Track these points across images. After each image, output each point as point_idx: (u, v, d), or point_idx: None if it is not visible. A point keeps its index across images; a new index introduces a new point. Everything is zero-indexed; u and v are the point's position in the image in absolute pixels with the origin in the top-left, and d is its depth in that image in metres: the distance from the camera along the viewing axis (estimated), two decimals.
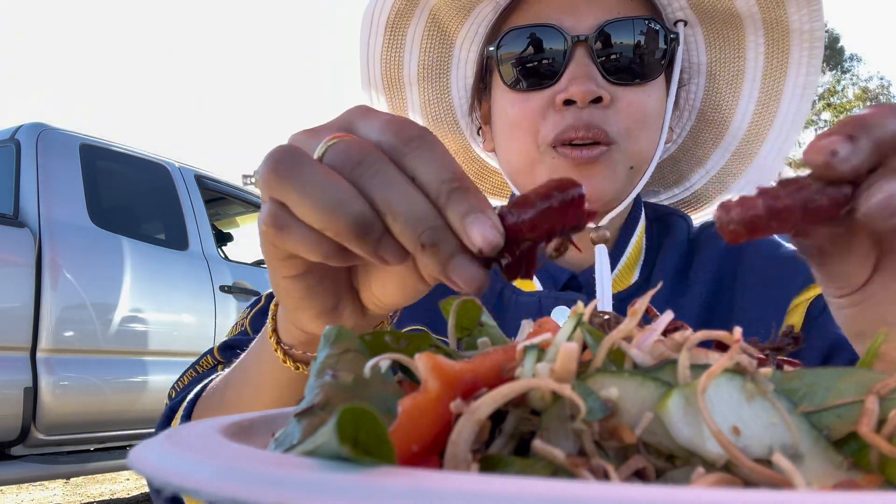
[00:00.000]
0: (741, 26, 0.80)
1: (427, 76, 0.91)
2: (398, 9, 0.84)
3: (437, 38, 0.88)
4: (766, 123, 0.85)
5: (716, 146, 0.90)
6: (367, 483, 0.18)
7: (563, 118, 0.73)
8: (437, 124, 0.95)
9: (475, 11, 0.84)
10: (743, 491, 0.17)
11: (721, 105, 0.87)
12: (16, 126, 3.92)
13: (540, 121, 0.76)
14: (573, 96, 0.72)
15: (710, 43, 0.83)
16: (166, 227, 4.50)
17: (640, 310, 0.30)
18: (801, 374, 0.27)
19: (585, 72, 0.73)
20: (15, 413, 3.32)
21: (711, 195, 0.94)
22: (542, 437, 0.24)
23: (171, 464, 0.22)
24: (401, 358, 0.28)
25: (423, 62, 0.90)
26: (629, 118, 0.75)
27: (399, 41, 0.88)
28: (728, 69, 0.84)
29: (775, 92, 0.83)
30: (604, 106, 0.73)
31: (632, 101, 0.75)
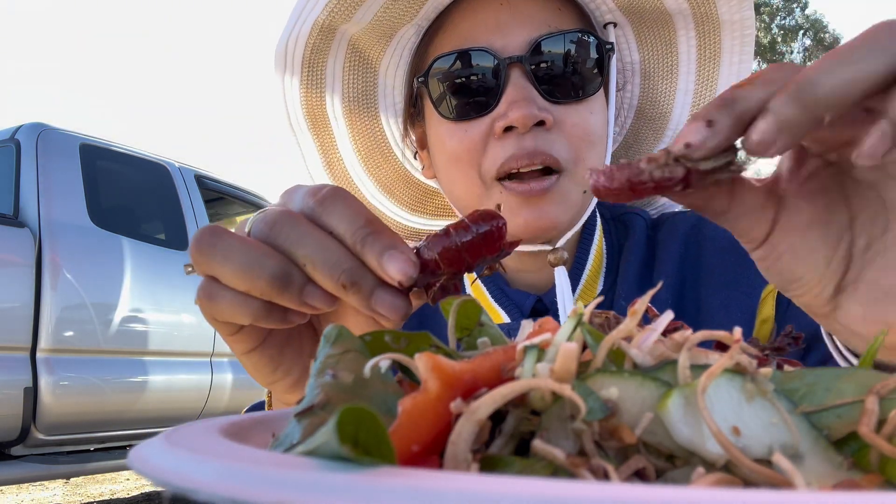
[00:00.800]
0: (671, 22, 0.79)
1: (353, 108, 0.88)
2: (313, 44, 0.80)
3: (359, 68, 0.84)
4: None
5: (657, 141, 0.89)
6: (367, 483, 0.18)
7: (505, 147, 0.70)
8: (370, 155, 0.91)
9: (397, 36, 0.80)
10: (743, 491, 0.17)
11: (658, 101, 0.86)
12: (16, 126, 3.93)
13: (481, 152, 0.72)
14: (514, 122, 0.68)
15: (641, 41, 0.82)
16: (166, 227, 4.50)
17: (640, 310, 0.30)
18: (801, 374, 0.27)
19: (524, 94, 0.70)
20: (15, 413, 3.32)
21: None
22: (542, 437, 0.24)
23: (171, 464, 0.22)
24: (401, 358, 0.28)
25: (348, 95, 0.86)
26: (576, 139, 0.72)
27: (318, 77, 0.84)
28: (662, 65, 0.83)
29: (710, 83, 0.82)
30: (547, 129, 0.70)
31: (576, 121, 0.72)
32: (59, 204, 3.70)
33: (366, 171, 0.92)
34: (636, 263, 0.80)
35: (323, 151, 0.91)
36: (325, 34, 0.79)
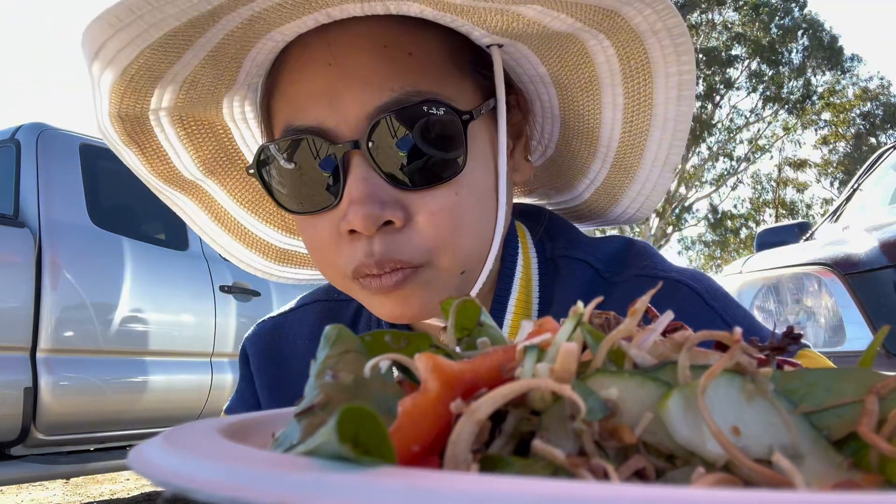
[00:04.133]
0: (573, 37, 0.66)
1: (218, 168, 0.78)
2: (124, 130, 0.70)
3: (201, 131, 0.74)
4: (640, 132, 0.72)
5: (592, 156, 0.78)
6: (367, 483, 0.18)
7: (354, 251, 0.62)
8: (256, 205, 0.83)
9: (227, 98, 0.71)
10: (743, 491, 0.17)
11: (583, 114, 0.74)
12: (16, 126, 3.92)
13: (333, 250, 0.64)
14: (354, 226, 0.60)
15: (543, 55, 0.69)
16: (166, 227, 4.49)
17: (640, 310, 0.30)
18: (801, 374, 0.27)
19: (365, 189, 0.60)
20: (15, 413, 3.32)
21: (604, 207, 0.83)
22: (542, 437, 0.24)
23: (171, 464, 0.22)
24: (401, 358, 0.28)
25: (202, 159, 0.76)
26: (436, 232, 0.62)
27: (154, 151, 0.74)
28: (577, 76, 0.70)
29: (644, 95, 0.70)
30: (397, 229, 0.61)
31: (434, 210, 0.61)
32: (59, 204, 3.70)
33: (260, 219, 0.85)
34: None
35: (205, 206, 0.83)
36: (133, 120, 0.69)
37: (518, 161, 0.75)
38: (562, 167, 0.82)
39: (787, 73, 25.24)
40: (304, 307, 0.86)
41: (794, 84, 25.56)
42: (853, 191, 4.28)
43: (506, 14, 0.60)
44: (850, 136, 27.78)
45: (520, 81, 0.74)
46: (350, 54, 0.62)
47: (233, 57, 0.64)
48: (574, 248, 0.75)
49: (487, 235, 0.67)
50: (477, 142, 0.65)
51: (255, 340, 0.85)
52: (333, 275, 0.67)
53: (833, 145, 27.96)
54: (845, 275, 2.76)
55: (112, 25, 0.54)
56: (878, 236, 2.84)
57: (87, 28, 0.56)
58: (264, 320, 0.87)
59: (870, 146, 26.09)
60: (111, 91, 0.63)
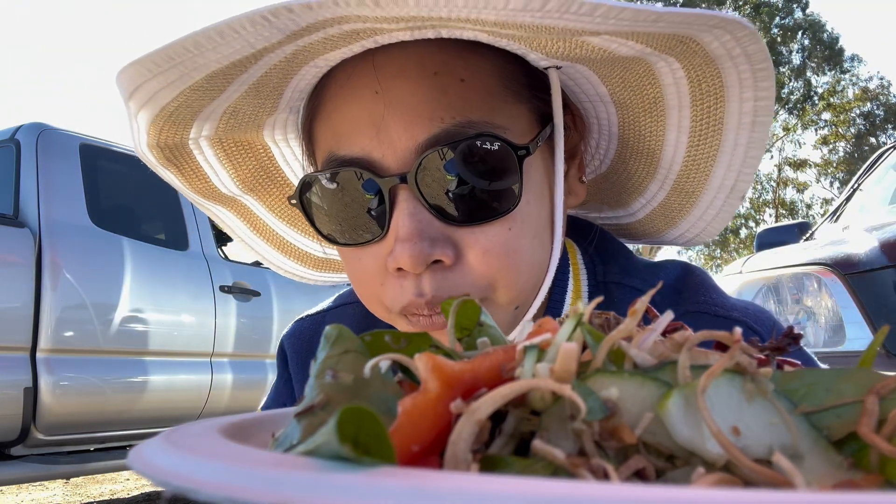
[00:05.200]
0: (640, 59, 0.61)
1: (257, 185, 0.77)
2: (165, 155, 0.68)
3: (241, 151, 0.73)
4: (707, 157, 0.68)
5: (650, 177, 0.74)
6: (367, 483, 0.18)
7: (403, 289, 0.59)
8: (296, 220, 0.82)
9: (268, 124, 0.70)
10: (743, 491, 0.17)
11: (644, 135, 0.70)
12: (16, 126, 3.93)
13: (378, 285, 0.61)
14: (401, 265, 0.57)
15: (603, 76, 0.65)
16: (166, 227, 4.50)
17: (640, 310, 0.30)
18: (801, 374, 0.27)
19: (413, 226, 0.56)
20: (15, 413, 3.32)
21: (660, 228, 0.79)
22: (542, 437, 0.24)
23: (171, 464, 0.22)
24: (401, 358, 0.28)
25: (241, 177, 0.75)
26: (489, 270, 0.59)
27: (193, 171, 0.72)
28: (640, 97, 0.66)
29: (713, 121, 0.65)
30: (447, 267, 0.58)
31: (488, 246, 0.58)
32: (59, 204, 3.70)
33: (300, 231, 0.84)
34: None
35: (245, 219, 0.82)
36: (171, 148, 0.68)
37: (572, 184, 0.70)
38: (616, 184, 0.78)
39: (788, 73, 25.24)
40: (343, 307, 0.85)
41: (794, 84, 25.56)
42: (853, 191, 4.28)
43: (568, 41, 0.56)
44: (850, 136, 27.76)
45: (577, 100, 0.70)
46: (398, 82, 0.58)
47: (275, 87, 0.62)
48: (629, 274, 0.71)
49: (542, 267, 0.64)
50: (532, 172, 0.61)
51: (293, 339, 0.84)
52: (377, 308, 0.64)
53: (833, 145, 27.95)
54: (845, 275, 2.76)
55: (150, 70, 0.53)
56: (878, 236, 2.84)
57: (123, 70, 0.54)
58: (302, 318, 0.86)
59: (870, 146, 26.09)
60: (149, 126, 0.62)
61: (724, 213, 0.73)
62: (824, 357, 2.78)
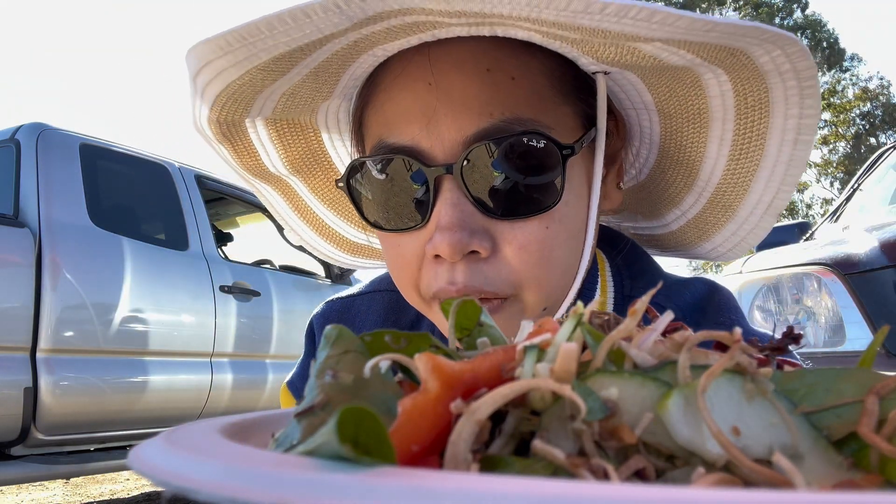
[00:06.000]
0: (688, 70, 0.62)
1: (303, 167, 0.80)
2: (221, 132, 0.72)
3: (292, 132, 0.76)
4: (746, 172, 0.69)
5: (688, 188, 0.74)
6: (367, 483, 0.18)
7: (437, 275, 0.61)
8: (336, 203, 0.85)
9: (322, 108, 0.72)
10: (743, 491, 0.17)
11: (685, 145, 0.71)
12: (16, 126, 3.92)
13: (415, 271, 0.64)
14: (439, 252, 0.59)
15: (650, 84, 0.66)
16: (166, 227, 4.50)
17: (640, 310, 0.30)
18: (801, 374, 0.27)
19: (454, 215, 0.58)
20: (15, 413, 3.32)
21: (692, 241, 0.80)
22: (542, 437, 0.24)
23: (171, 464, 0.22)
24: (401, 358, 0.28)
25: (289, 158, 0.78)
26: (524, 266, 0.60)
27: (246, 148, 0.75)
28: (685, 107, 0.67)
29: (757, 134, 0.65)
30: (483, 259, 0.60)
31: (524, 242, 0.60)
32: (59, 204, 3.70)
33: (339, 216, 0.87)
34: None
35: (288, 199, 0.85)
36: (229, 124, 0.71)
37: (609, 188, 0.71)
38: (652, 194, 0.79)
39: None
40: (373, 294, 0.86)
41: None
42: (853, 191, 4.28)
43: (621, 46, 0.57)
44: (850, 136, 27.76)
45: (621, 106, 0.71)
46: (452, 76, 0.60)
47: (333, 72, 0.64)
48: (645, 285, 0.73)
49: (572, 272, 0.65)
50: (573, 174, 0.63)
51: (322, 319, 0.86)
52: (412, 294, 0.66)
53: (833, 145, 27.94)
54: (845, 275, 2.76)
55: (221, 49, 0.55)
56: (878, 236, 2.84)
57: (193, 47, 0.56)
58: (333, 300, 0.88)
59: (870, 146, 26.08)
60: (213, 102, 0.64)
61: (759, 229, 0.73)
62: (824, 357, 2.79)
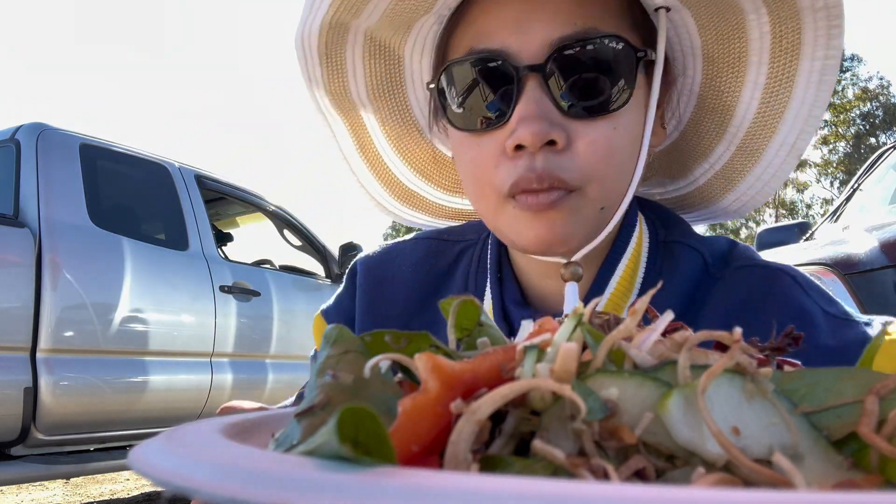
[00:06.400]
0: (738, 6, 0.70)
1: (380, 94, 0.86)
2: (326, 40, 0.78)
3: (380, 56, 0.82)
4: (775, 113, 0.75)
5: (720, 137, 0.81)
6: (367, 483, 0.18)
7: (516, 166, 0.66)
8: (400, 139, 0.90)
9: (417, 26, 0.77)
10: (743, 491, 0.17)
11: (723, 91, 0.77)
12: (16, 126, 3.93)
13: (493, 169, 0.69)
14: (522, 141, 0.64)
15: (702, 25, 0.73)
16: (166, 227, 4.50)
17: (640, 310, 0.30)
18: (801, 375, 0.27)
19: (536, 109, 0.65)
20: (15, 413, 3.32)
21: (716, 193, 0.86)
22: (542, 438, 0.24)
23: (171, 464, 0.22)
24: (401, 358, 0.28)
25: (371, 83, 0.84)
26: (592, 159, 0.66)
27: (339, 66, 0.82)
28: (728, 51, 0.74)
29: (786, 77, 0.73)
30: (558, 150, 0.66)
31: (594, 138, 0.67)
32: (59, 204, 3.70)
33: (398, 154, 0.92)
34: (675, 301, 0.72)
35: (354, 133, 0.91)
36: (336, 30, 0.77)
37: (656, 125, 0.76)
38: (683, 151, 0.85)
39: None
40: (416, 240, 0.91)
41: None
42: (853, 191, 4.28)
43: None
44: (850, 136, 27.74)
45: (671, 51, 0.77)
46: None
47: None
48: (688, 237, 0.79)
49: (628, 177, 0.71)
50: (638, 87, 0.70)
51: (365, 260, 0.91)
52: (489, 194, 0.70)
53: (833, 145, 27.94)
54: (845, 275, 2.76)
55: None
56: (878, 236, 2.84)
57: None
58: (376, 248, 0.93)
59: (870, 146, 26.06)
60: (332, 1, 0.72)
61: (781, 172, 0.79)
62: None
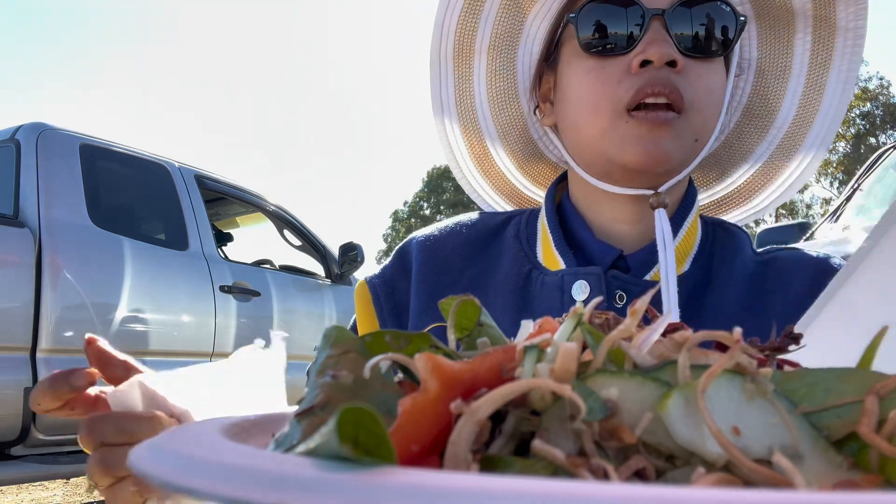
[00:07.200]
0: (793, 22, 0.85)
1: (497, 46, 0.94)
2: None
3: (512, 9, 0.91)
4: (809, 116, 0.89)
5: (760, 140, 0.93)
6: (367, 483, 0.18)
7: (640, 78, 0.77)
8: (498, 97, 0.98)
9: None
10: (743, 491, 0.17)
11: (768, 98, 0.91)
12: (16, 126, 3.92)
13: (615, 85, 0.78)
14: (650, 56, 0.75)
15: (762, 39, 0.88)
16: (166, 227, 4.49)
17: (640, 310, 0.30)
18: (801, 374, 0.27)
19: (662, 37, 0.77)
20: (15, 413, 3.32)
21: (755, 187, 0.97)
22: (542, 438, 0.24)
23: (171, 464, 0.22)
24: (401, 358, 0.28)
25: (496, 32, 0.93)
26: (698, 87, 0.78)
27: (477, 10, 0.92)
28: (776, 64, 0.89)
29: (818, 86, 0.87)
30: (677, 71, 0.76)
31: (700, 72, 0.79)
32: (59, 204, 3.70)
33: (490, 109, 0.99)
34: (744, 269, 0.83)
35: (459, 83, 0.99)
36: None
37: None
38: (723, 157, 0.95)
39: None
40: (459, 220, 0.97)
41: None
42: (853, 191, 4.28)
43: None
44: (849, 136, 27.75)
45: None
46: None
47: None
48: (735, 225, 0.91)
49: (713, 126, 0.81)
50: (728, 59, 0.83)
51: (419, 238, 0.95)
52: (605, 109, 0.78)
53: (833, 145, 27.90)
54: None
55: None
56: None
57: None
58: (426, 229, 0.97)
59: (870, 146, 26.06)
60: None
61: (812, 165, 0.92)
62: None
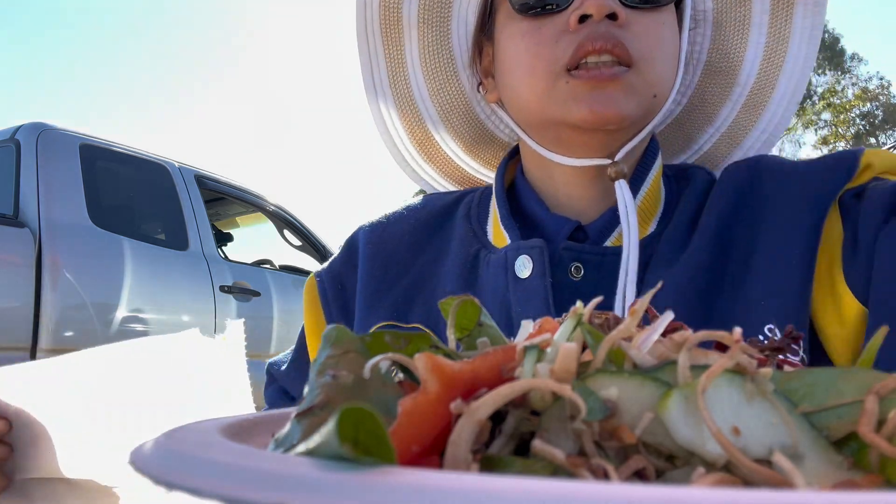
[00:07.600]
0: None
1: (428, 19, 0.88)
2: None
3: None
4: (774, 70, 0.84)
5: (724, 100, 0.87)
6: (367, 483, 0.18)
7: (578, 35, 0.71)
8: (435, 75, 0.92)
9: None
10: (743, 491, 0.17)
11: (729, 54, 0.85)
12: (16, 126, 3.92)
13: (553, 45, 0.73)
14: (588, 10, 0.70)
15: None
16: (166, 227, 4.49)
17: (640, 310, 0.30)
18: (801, 374, 0.27)
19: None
20: None
21: (723, 152, 0.91)
22: (542, 438, 0.24)
23: (171, 464, 0.22)
24: (401, 358, 0.28)
25: (425, 3, 0.87)
26: (647, 40, 0.72)
27: None
28: (734, 15, 0.83)
29: (782, 36, 0.82)
30: (619, 24, 0.71)
31: (647, 24, 0.73)
32: (59, 204, 3.70)
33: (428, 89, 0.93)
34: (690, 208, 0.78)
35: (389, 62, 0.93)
36: None
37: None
38: (686, 122, 0.90)
39: None
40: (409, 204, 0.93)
41: None
42: None
43: None
44: (850, 136, 27.78)
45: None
46: None
47: None
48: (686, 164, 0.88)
49: (670, 81, 0.76)
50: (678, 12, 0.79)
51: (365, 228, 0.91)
52: (542, 70, 0.73)
53: (833, 145, 27.94)
54: None
55: None
56: None
57: None
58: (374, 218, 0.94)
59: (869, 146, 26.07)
60: None
61: (783, 121, 0.86)
62: None
